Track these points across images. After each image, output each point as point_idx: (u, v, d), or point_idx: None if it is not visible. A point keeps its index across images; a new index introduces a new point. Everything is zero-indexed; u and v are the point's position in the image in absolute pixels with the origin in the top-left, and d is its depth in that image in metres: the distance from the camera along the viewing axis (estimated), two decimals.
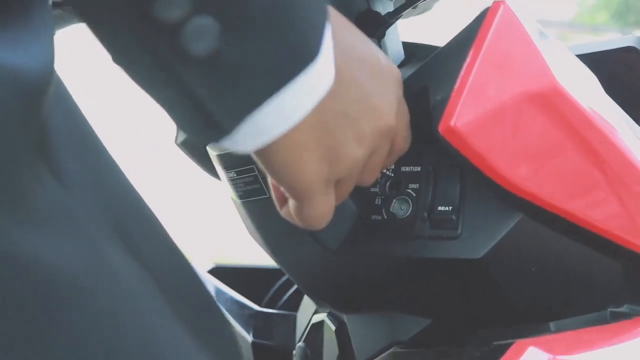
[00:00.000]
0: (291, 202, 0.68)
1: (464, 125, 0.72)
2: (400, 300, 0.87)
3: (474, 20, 0.76)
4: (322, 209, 0.67)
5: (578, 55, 0.88)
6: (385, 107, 0.67)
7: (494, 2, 0.75)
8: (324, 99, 0.59)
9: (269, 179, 0.70)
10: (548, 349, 0.73)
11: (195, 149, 1.05)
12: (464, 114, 0.71)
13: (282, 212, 0.72)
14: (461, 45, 0.75)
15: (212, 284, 1.15)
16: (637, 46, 0.94)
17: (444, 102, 0.73)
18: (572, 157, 0.75)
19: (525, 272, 0.80)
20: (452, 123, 0.71)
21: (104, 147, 0.64)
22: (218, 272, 1.19)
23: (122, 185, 0.64)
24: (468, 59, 0.73)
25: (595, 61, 0.92)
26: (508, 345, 0.73)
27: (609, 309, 0.84)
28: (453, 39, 0.78)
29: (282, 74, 0.56)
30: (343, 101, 0.63)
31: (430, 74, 0.77)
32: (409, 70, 0.85)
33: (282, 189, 0.66)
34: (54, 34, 0.58)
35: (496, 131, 0.72)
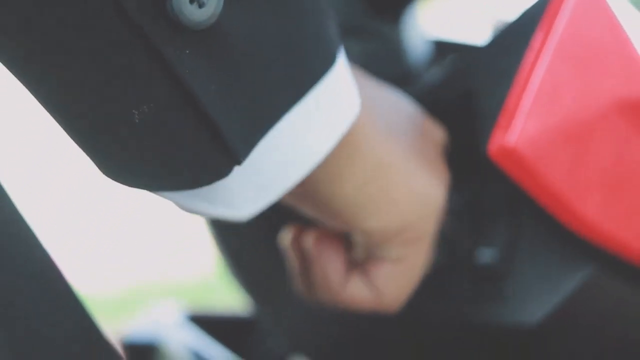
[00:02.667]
0: None
1: (526, 145, 0.55)
2: None
3: (537, 3, 0.58)
4: None
5: None
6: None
7: None
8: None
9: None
10: None
11: None
12: (527, 130, 0.55)
13: None
14: (520, 35, 0.58)
15: (183, 342, 1.03)
16: None
17: (496, 111, 0.56)
18: None
19: (596, 342, 0.67)
20: (509, 142, 0.55)
21: None
22: (195, 321, 1.08)
23: None
24: (532, 53, 0.55)
25: None
26: None
27: None
28: (507, 27, 0.61)
29: (304, 74, 0.45)
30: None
31: (474, 74, 0.61)
32: (437, 72, 0.70)
33: None
34: None
35: (571, 154, 0.56)
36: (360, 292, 0.58)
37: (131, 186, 0.45)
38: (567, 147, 0.56)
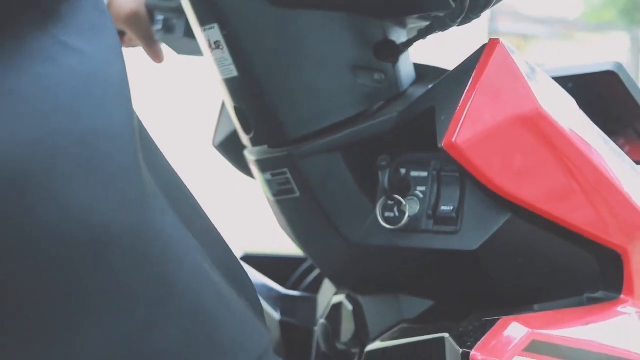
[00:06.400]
0: None
1: (463, 142, 0.84)
2: (408, 285, 0.98)
3: (474, 53, 0.89)
4: None
5: (561, 77, 0.99)
6: None
7: (491, 40, 0.88)
8: None
9: None
10: (529, 324, 0.84)
11: (231, 150, 1.14)
12: (463, 133, 0.84)
13: None
14: (462, 75, 0.88)
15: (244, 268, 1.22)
16: (615, 70, 1.03)
17: (447, 122, 0.85)
18: (552, 168, 0.88)
19: (514, 263, 0.91)
20: (453, 140, 0.84)
21: (150, 136, 0.75)
22: (247, 259, 1.27)
23: (170, 171, 0.75)
24: (468, 88, 0.85)
25: (577, 83, 1.02)
26: (495, 321, 0.85)
27: (586, 295, 0.94)
28: (456, 67, 0.91)
29: None
30: None
31: (436, 97, 0.90)
32: (419, 90, 0.97)
33: None
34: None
35: (490, 147, 0.85)
36: None
37: None
38: (489, 144, 0.84)
